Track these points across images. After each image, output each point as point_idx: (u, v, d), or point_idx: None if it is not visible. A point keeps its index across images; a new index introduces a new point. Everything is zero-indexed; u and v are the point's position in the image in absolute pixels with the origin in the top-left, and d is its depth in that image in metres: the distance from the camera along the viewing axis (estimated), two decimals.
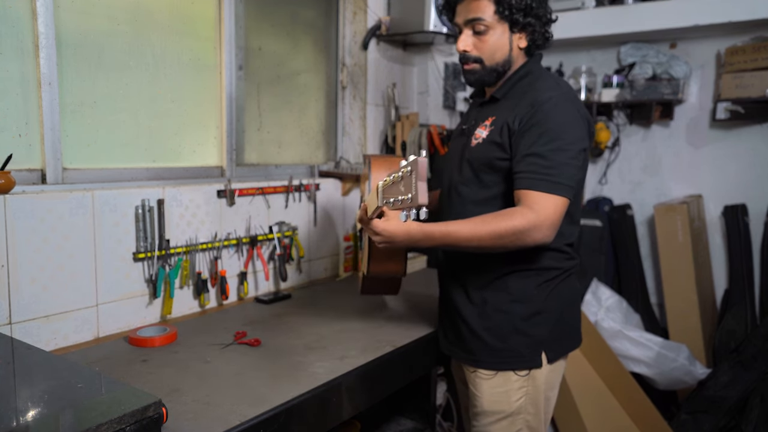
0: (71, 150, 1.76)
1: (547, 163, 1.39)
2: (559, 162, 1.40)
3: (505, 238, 1.37)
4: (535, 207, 1.37)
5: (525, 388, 1.52)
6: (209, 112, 2.18)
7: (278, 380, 1.41)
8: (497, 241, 1.38)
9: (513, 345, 1.51)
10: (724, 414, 2.54)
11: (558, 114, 1.42)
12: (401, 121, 2.82)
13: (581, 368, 2.68)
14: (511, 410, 1.53)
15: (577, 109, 1.47)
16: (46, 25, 1.65)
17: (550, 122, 1.41)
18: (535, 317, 1.51)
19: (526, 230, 1.36)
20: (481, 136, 1.54)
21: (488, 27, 1.49)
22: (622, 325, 2.77)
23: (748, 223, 2.91)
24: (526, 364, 1.51)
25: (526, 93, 1.49)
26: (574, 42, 3.11)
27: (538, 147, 1.41)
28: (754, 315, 2.85)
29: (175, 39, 2.03)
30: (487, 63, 1.52)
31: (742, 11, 2.55)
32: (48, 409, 0.98)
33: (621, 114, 3.20)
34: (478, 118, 1.60)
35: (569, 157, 1.41)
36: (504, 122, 1.49)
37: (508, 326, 1.51)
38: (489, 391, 1.54)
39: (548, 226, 1.38)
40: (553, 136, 1.41)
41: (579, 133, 1.45)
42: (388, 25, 2.80)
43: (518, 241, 1.37)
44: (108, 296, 1.75)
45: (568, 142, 1.41)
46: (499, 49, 1.51)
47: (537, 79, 1.52)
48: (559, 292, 1.54)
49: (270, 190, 2.26)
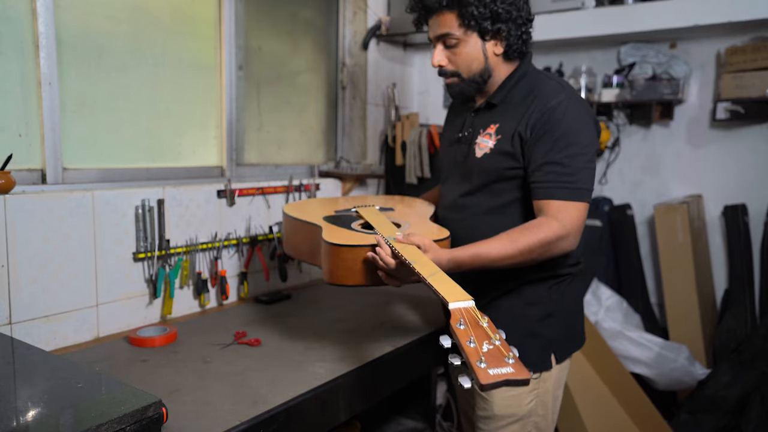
0: (71, 150, 1.76)
1: (565, 170, 1.38)
2: (576, 167, 1.39)
3: (534, 252, 1.36)
4: (559, 216, 1.37)
5: (536, 390, 1.52)
6: (209, 112, 2.18)
7: (278, 380, 1.41)
8: (528, 256, 1.36)
9: (526, 348, 1.50)
10: (724, 414, 2.54)
11: (570, 118, 1.40)
12: (401, 121, 2.82)
13: (581, 368, 2.68)
14: (522, 413, 1.52)
15: (586, 111, 1.45)
16: (47, 25, 1.65)
17: (563, 127, 1.40)
18: (547, 319, 1.51)
19: (555, 241, 1.36)
20: (487, 145, 1.50)
21: (458, 40, 1.45)
22: (623, 326, 2.77)
23: (748, 223, 2.91)
24: (538, 366, 1.51)
25: (532, 97, 1.45)
26: (574, 42, 3.11)
27: (555, 154, 1.39)
28: (754, 315, 2.85)
29: (176, 39, 2.03)
30: (465, 75, 1.50)
31: (742, 11, 2.55)
32: (48, 409, 0.98)
33: (621, 114, 3.20)
34: (476, 126, 1.55)
35: (586, 161, 1.40)
36: (513, 130, 1.45)
37: (522, 329, 1.51)
38: (501, 395, 1.52)
39: (575, 234, 1.38)
40: (569, 141, 1.39)
41: (591, 135, 1.44)
42: (388, 25, 2.80)
43: (547, 252, 1.37)
44: (108, 296, 1.75)
45: (583, 146, 1.40)
46: (474, 59, 1.47)
47: (537, 81, 1.49)
48: (568, 294, 1.55)
49: (270, 190, 2.26)
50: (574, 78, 3.19)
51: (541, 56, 3.29)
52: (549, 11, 2.89)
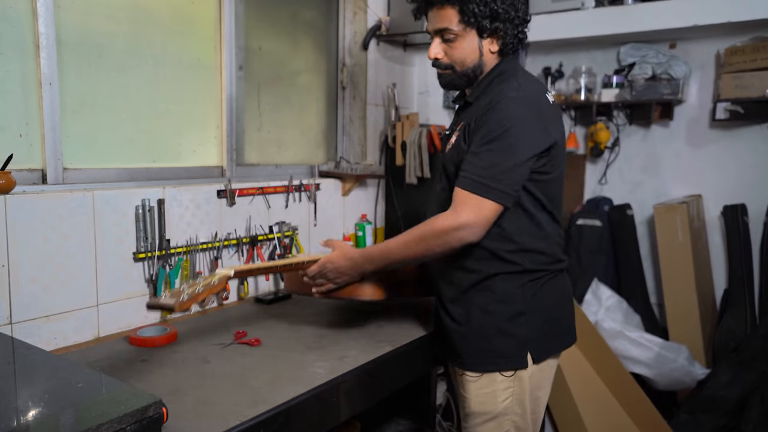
0: (72, 150, 1.76)
1: (480, 164, 1.39)
2: (492, 164, 1.39)
3: (429, 241, 1.42)
4: (458, 208, 1.40)
5: (511, 389, 1.51)
6: (209, 112, 2.18)
7: (278, 380, 1.42)
8: (423, 245, 1.43)
9: (498, 346, 1.50)
10: (723, 414, 2.54)
11: (506, 116, 1.40)
12: (401, 121, 2.83)
13: (581, 368, 2.68)
14: (497, 411, 1.52)
15: (534, 111, 1.43)
16: (47, 25, 1.65)
17: (494, 123, 1.40)
18: (519, 318, 1.50)
19: (450, 231, 1.40)
20: (452, 141, 1.56)
21: (456, 35, 1.50)
22: (623, 326, 2.77)
23: (748, 223, 2.91)
24: (511, 365, 1.50)
25: (492, 95, 1.47)
26: (574, 42, 3.11)
27: (478, 147, 1.41)
28: (753, 315, 2.85)
29: (176, 39, 2.03)
30: (459, 69, 1.54)
31: (741, 11, 2.55)
32: (48, 409, 0.99)
33: (621, 114, 3.20)
34: (456, 123, 1.61)
35: (514, 163, 1.39)
36: (467, 124, 1.49)
37: (492, 327, 1.50)
38: (476, 392, 1.53)
39: (476, 227, 1.39)
40: (495, 137, 1.39)
41: (530, 137, 1.41)
42: (388, 25, 2.80)
43: (445, 243, 1.42)
44: (108, 296, 1.75)
45: (509, 145, 1.39)
46: (469, 55, 1.52)
47: (504, 80, 1.51)
48: (544, 292, 1.53)
49: (270, 190, 2.26)
50: (573, 78, 3.19)
51: (541, 56, 3.30)
52: (549, 11, 2.89)
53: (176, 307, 1.22)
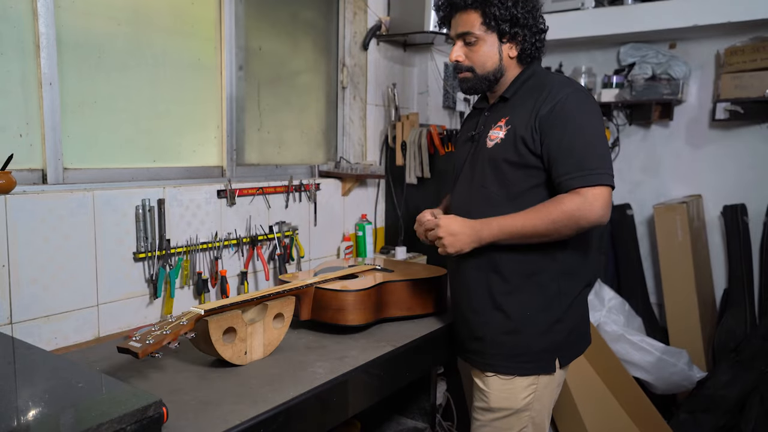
0: (72, 150, 1.76)
1: (579, 159, 1.43)
2: (590, 154, 1.43)
3: (558, 222, 1.41)
4: (581, 192, 1.41)
5: (534, 386, 1.55)
6: (209, 112, 2.18)
7: (278, 380, 1.42)
8: (551, 226, 1.42)
9: (533, 351, 1.54)
10: (723, 413, 2.55)
11: (579, 108, 1.46)
12: (401, 121, 2.83)
13: (582, 369, 2.68)
14: (518, 407, 1.56)
15: (593, 102, 1.52)
16: (47, 25, 1.65)
17: (574, 116, 1.45)
18: (556, 325, 1.54)
19: (577, 210, 1.40)
20: (497, 136, 1.55)
21: (478, 39, 1.54)
22: (624, 329, 2.76)
23: (748, 223, 2.91)
24: (542, 370, 1.55)
25: (541, 90, 1.51)
26: (574, 42, 3.11)
27: (568, 144, 1.44)
28: (753, 315, 2.85)
29: (176, 39, 2.04)
30: (479, 72, 1.58)
31: (741, 11, 2.56)
32: (48, 409, 0.99)
33: (621, 114, 3.20)
34: (488, 123, 1.61)
35: (600, 147, 1.45)
36: (523, 120, 1.50)
37: (532, 333, 1.54)
38: (498, 389, 1.56)
39: (599, 206, 1.41)
40: (581, 130, 1.45)
41: (601, 123, 1.50)
42: (388, 25, 2.80)
43: (573, 223, 1.41)
44: (109, 296, 1.75)
45: (594, 133, 1.45)
46: (489, 58, 1.56)
47: (545, 77, 1.57)
48: (579, 301, 1.58)
49: (270, 190, 2.26)
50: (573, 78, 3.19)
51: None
52: (549, 11, 2.89)
53: (140, 354, 1.21)
